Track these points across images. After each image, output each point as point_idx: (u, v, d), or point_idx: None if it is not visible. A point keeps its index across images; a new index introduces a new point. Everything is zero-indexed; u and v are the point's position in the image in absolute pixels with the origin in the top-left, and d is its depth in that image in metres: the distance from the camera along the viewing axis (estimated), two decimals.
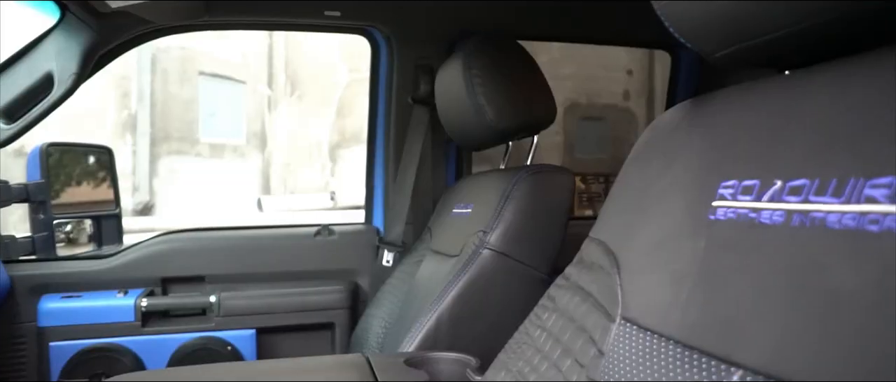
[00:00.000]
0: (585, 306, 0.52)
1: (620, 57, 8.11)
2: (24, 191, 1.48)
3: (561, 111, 8.11)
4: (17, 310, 1.36)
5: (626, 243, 0.51)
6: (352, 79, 8.78)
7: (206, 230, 1.56)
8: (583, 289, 0.53)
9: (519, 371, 0.55)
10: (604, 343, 0.47)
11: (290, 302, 1.50)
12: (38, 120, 1.31)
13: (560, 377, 0.50)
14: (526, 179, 1.08)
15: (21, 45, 1.32)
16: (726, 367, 0.36)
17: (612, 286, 0.49)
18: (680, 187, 0.47)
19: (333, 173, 9.20)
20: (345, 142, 9.12)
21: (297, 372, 0.79)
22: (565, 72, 7.46)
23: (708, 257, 0.41)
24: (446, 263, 1.17)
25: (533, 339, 0.56)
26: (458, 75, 1.19)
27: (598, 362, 0.47)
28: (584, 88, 7.93)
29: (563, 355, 0.51)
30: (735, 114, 0.45)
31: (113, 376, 0.82)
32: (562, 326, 0.53)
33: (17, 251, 1.44)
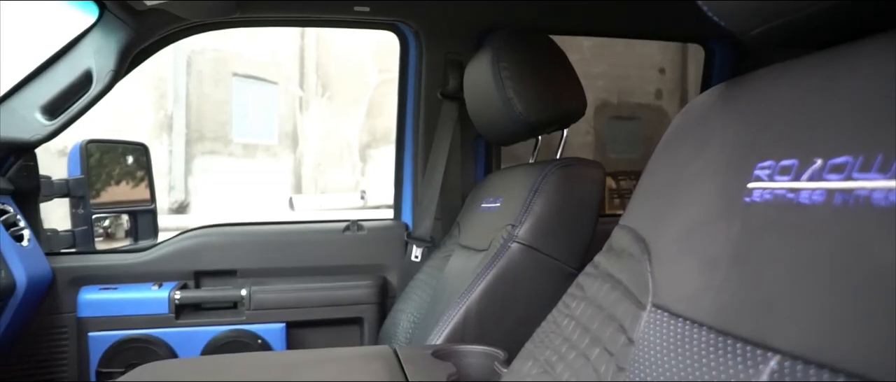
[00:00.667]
0: (615, 294, 0.51)
1: (653, 55, 7.99)
2: (65, 187, 1.52)
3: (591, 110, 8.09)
4: (59, 301, 1.41)
5: (657, 229, 0.50)
6: (382, 80, 8.83)
7: (237, 225, 1.59)
8: (612, 277, 0.52)
9: (546, 360, 0.54)
10: (634, 331, 0.46)
11: (320, 297, 1.51)
12: (78, 116, 1.35)
13: (588, 366, 0.49)
14: (555, 172, 1.07)
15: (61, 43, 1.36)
16: (762, 352, 0.34)
17: (643, 273, 0.48)
18: (713, 170, 0.45)
19: (364, 173, 9.27)
20: (375, 142, 9.18)
21: (324, 362, 0.80)
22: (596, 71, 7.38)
23: (743, 240, 0.39)
24: (474, 257, 1.16)
25: (561, 328, 0.55)
26: (487, 69, 1.19)
27: (627, 350, 0.46)
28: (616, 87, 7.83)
29: (592, 344, 0.50)
30: (771, 93, 0.43)
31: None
32: (590, 315, 0.52)
33: (58, 244, 1.48)
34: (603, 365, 0.48)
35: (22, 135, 1.34)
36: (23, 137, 1.34)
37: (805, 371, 0.31)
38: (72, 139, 1.60)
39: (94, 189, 1.61)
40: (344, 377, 0.74)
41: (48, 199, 1.50)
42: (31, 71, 1.35)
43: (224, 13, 1.40)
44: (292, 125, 9.08)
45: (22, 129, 1.34)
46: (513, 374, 0.57)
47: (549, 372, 0.52)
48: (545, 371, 0.53)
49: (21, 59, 1.43)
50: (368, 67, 8.99)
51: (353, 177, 9.13)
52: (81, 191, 1.55)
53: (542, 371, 0.53)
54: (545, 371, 0.53)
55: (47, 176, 1.48)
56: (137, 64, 1.43)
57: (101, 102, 1.39)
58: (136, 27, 1.33)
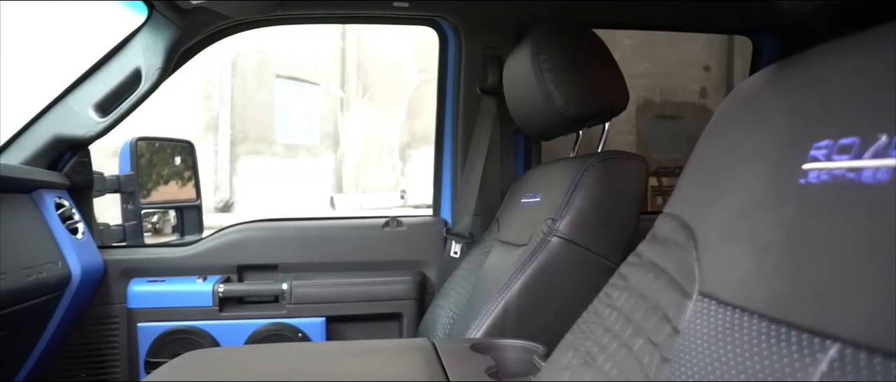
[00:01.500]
0: (659, 283, 0.49)
1: (697, 53, 7.80)
2: (116, 183, 1.58)
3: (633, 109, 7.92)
4: (110, 292, 1.45)
5: (704, 216, 0.48)
6: (422, 80, 8.88)
7: (279, 220, 1.61)
8: (656, 266, 0.50)
9: (587, 351, 0.52)
10: (679, 321, 0.44)
11: (359, 292, 1.52)
12: (128, 113, 1.40)
13: (631, 357, 0.47)
14: (596, 166, 1.05)
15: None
16: (820, 341, 0.32)
17: (688, 261, 0.46)
18: (764, 152, 0.43)
19: (404, 173, 9.33)
20: (415, 142, 9.23)
21: (362, 354, 0.80)
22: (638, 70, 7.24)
23: (797, 224, 0.37)
24: (514, 253, 1.15)
25: (602, 319, 0.53)
26: (527, 62, 1.17)
27: (672, 340, 0.44)
28: (659, 86, 7.67)
29: (635, 334, 0.48)
30: (828, 69, 0.41)
31: None
32: (633, 304, 0.50)
33: (110, 238, 1.54)
34: (646, 356, 0.46)
35: (77, 131, 1.39)
36: (78, 134, 1.39)
37: (869, 359, 0.29)
38: (123, 139, 1.65)
39: (143, 187, 1.66)
40: (382, 368, 0.74)
41: (101, 194, 1.55)
42: (85, 70, 1.40)
43: (267, 11, 1.42)
44: (333, 125, 9.21)
45: (77, 126, 1.39)
46: (552, 366, 0.56)
47: (590, 364, 0.51)
48: (586, 362, 0.51)
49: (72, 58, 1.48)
50: (408, 68, 9.05)
51: (393, 177, 9.20)
52: (131, 187, 1.60)
53: (582, 362, 0.52)
54: (586, 363, 0.51)
55: (100, 172, 1.54)
56: (183, 62, 1.47)
57: (151, 105, 1.43)
58: (182, 26, 1.36)
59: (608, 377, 0.49)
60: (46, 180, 1.35)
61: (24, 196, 1.29)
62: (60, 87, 1.41)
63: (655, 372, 0.45)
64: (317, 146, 9.05)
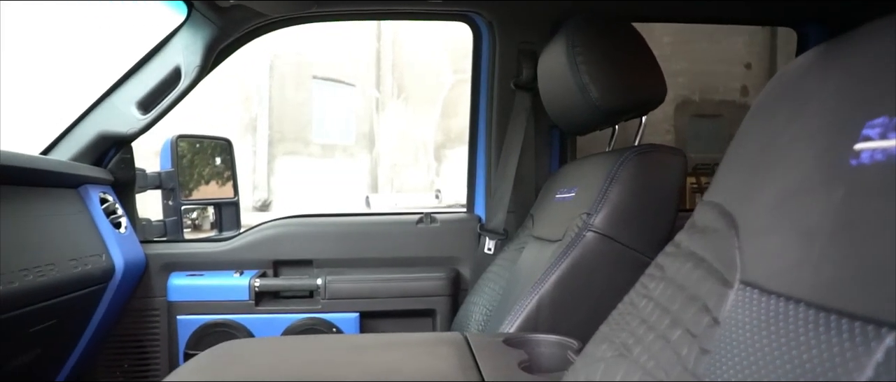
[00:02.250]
0: (698, 273, 0.47)
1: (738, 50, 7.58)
2: (157, 179, 1.62)
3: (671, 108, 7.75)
4: (151, 285, 1.49)
5: (746, 202, 0.46)
6: (456, 80, 8.88)
7: (314, 216, 1.63)
8: (695, 255, 0.49)
9: (622, 343, 0.51)
10: (719, 311, 0.43)
11: (393, 288, 1.52)
12: (168, 110, 1.43)
13: (668, 348, 0.46)
14: (633, 159, 1.02)
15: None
16: (875, 329, 0.30)
17: (729, 249, 0.44)
18: (812, 134, 0.41)
19: (438, 173, 9.35)
20: (449, 142, 9.24)
21: (395, 346, 0.80)
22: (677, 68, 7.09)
23: (848, 207, 0.35)
24: (548, 248, 1.13)
25: (638, 310, 0.52)
26: (562, 55, 1.15)
27: (712, 331, 0.42)
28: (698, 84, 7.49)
29: (672, 325, 0.47)
30: (882, 45, 0.39)
31: None
32: (671, 295, 0.49)
33: (151, 232, 1.58)
34: (685, 348, 0.44)
35: (121, 128, 1.43)
36: (121, 131, 1.44)
37: None
38: (164, 138, 1.69)
39: (184, 186, 1.70)
40: (414, 360, 0.73)
41: (143, 191, 1.59)
42: (127, 69, 1.44)
43: (302, 8, 1.44)
44: (369, 126, 9.29)
45: (120, 123, 1.44)
46: (586, 358, 0.54)
47: (625, 356, 0.49)
48: (621, 354, 0.50)
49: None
50: (443, 68, 9.07)
51: (427, 177, 9.23)
52: (172, 184, 1.64)
53: (617, 354, 0.50)
54: (621, 355, 0.50)
55: (142, 168, 1.58)
56: (221, 60, 1.49)
57: (192, 108, 1.46)
58: (220, 25, 1.39)
59: (644, 369, 0.47)
60: (92, 176, 1.39)
61: (71, 190, 1.33)
62: (105, 86, 1.45)
63: (694, 364, 0.43)
64: (352, 146, 9.14)
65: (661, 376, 0.46)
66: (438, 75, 9.14)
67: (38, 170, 1.19)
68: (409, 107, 9.38)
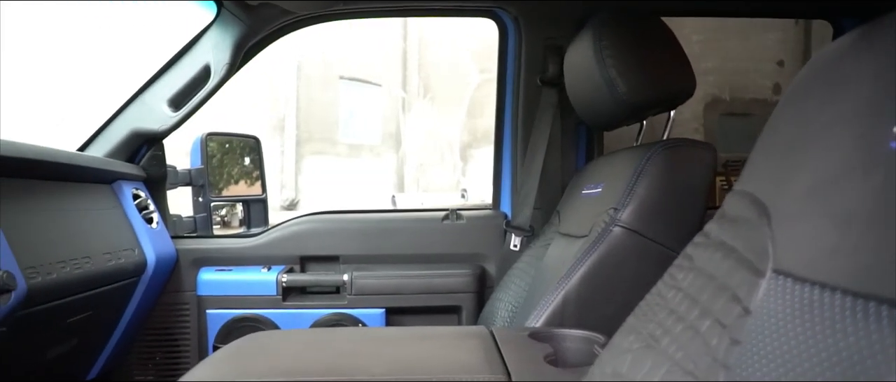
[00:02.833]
0: (728, 263, 0.46)
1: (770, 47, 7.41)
2: (188, 176, 1.65)
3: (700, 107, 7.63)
4: (181, 280, 1.52)
5: (778, 190, 0.44)
6: (483, 80, 8.87)
7: (341, 212, 1.64)
8: (725, 245, 0.47)
9: (650, 334, 0.50)
10: (751, 301, 0.42)
11: (418, 284, 1.52)
12: (198, 107, 1.46)
13: (697, 339, 0.45)
14: (661, 154, 1.01)
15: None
16: None
17: (761, 238, 0.43)
18: (848, 118, 0.40)
19: (464, 173, 9.35)
20: (476, 141, 9.23)
21: (420, 339, 0.80)
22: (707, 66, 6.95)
23: (887, 191, 0.34)
24: (574, 244, 1.12)
25: (666, 301, 0.51)
26: (589, 49, 1.14)
27: (743, 321, 0.41)
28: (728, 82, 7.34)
29: (702, 316, 0.46)
30: None
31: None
32: (700, 285, 0.48)
33: (182, 228, 1.61)
34: (714, 338, 0.43)
35: (152, 126, 1.47)
36: (153, 128, 1.47)
37: None
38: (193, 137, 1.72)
39: (214, 186, 1.72)
40: (439, 352, 0.73)
41: (173, 187, 1.63)
42: (159, 67, 1.47)
43: (328, 6, 1.45)
44: (395, 126, 9.34)
45: (152, 121, 1.47)
46: (613, 349, 0.54)
47: (652, 347, 0.49)
48: (648, 345, 0.49)
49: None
50: (469, 68, 9.06)
51: (453, 177, 9.23)
52: (202, 181, 1.67)
53: (644, 345, 0.50)
54: (648, 346, 0.49)
55: (173, 166, 1.61)
56: (249, 58, 1.51)
57: (222, 108, 1.49)
58: (248, 23, 1.41)
59: (672, 360, 0.46)
60: (125, 172, 1.42)
61: (105, 186, 1.37)
62: (137, 84, 1.49)
63: (724, 355, 0.42)
64: (379, 146, 9.19)
65: (689, 367, 0.45)
66: (464, 75, 9.13)
67: (76, 166, 1.23)
68: (436, 106, 9.39)
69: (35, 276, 0.99)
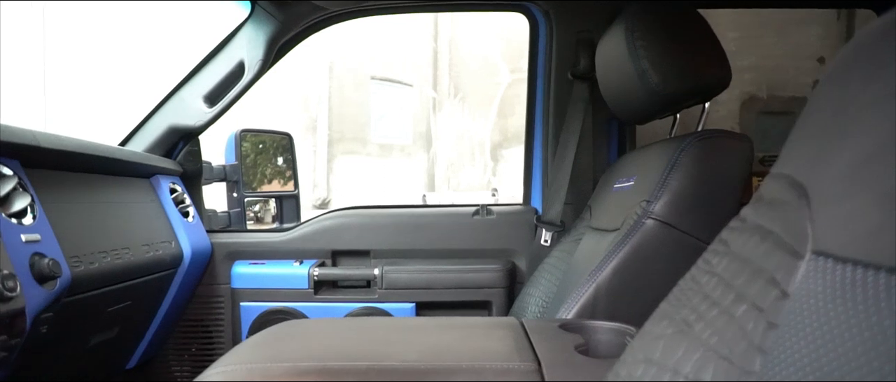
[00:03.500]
0: (765, 246, 0.45)
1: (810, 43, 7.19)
2: (222, 172, 1.68)
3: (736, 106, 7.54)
4: (216, 272, 1.55)
5: (818, 170, 0.43)
6: (513, 79, 8.83)
7: (372, 207, 1.65)
8: (762, 228, 0.46)
9: (683, 319, 0.49)
10: (789, 284, 0.41)
11: (449, 279, 1.53)
12: (232, 103, 1.49)
13: (733, 324, 0.44)
14: (695, 145, 0.99)
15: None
16: None
17: (800, 220, 0.42)
18: (891, 95, 0.38)
19: (495, 172, 9.32)
20: (506, 141, 9.20)
21: (450, 328, 0.80)
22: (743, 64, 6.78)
23: None
24: (606, 238, 1.11)
25: (700, 286, 0.50)
26: (621, 41, 1.13)
27: (781, 304, 0.40)
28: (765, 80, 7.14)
29: (737, 300, 0.45)
30: None
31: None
32: (735, 269, 0.47)
33: (217, 223, 1.64)
34: (750, 323, 0.42)
35: (189, 121, 1.50)
36: (189, 124, 1.50)
37: None
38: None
39: (248, 185, 1.75)
40: (468, 341, 0.73)
41: (208, 183, 1.66)
42: (195, 64, 1.50)
43: (360, 1, 1.46)
44: (426, 126, 9.36)
45: (188, 117, 1.50)
46: (645, 336, 0.53)
47: (685, 332, 0.48)
48: (681, 330, 0.48)
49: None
50: (499, 67, 9.03)
51: (484, 176, 9.22)
52: (236, 176, 1.70)
53: (677, 330, 0.49)
54: (681, 331, 0.48)
55: (208, 161, 1.64)
56: (282, 55, 1.54)
57: (256, 110, 1.51)
58: (282, 19, 1.43)
59: (707, 345, 0.45)
60: (163, 166, 1.46)
61: (144, 180, 1.41)
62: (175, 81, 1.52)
63: (761, 339, 0.41)
64: (410, 146, 9.23)
65: (725, 352, 0.44)
66: (495, 74, 9.11)
67: (116, 160, 1.26)
68: (466, 106, 9.39)
69: (78, 265, 1.02)
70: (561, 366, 0.63)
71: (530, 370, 0.62)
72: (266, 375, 0.61)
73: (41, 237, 0.94)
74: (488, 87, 9.23)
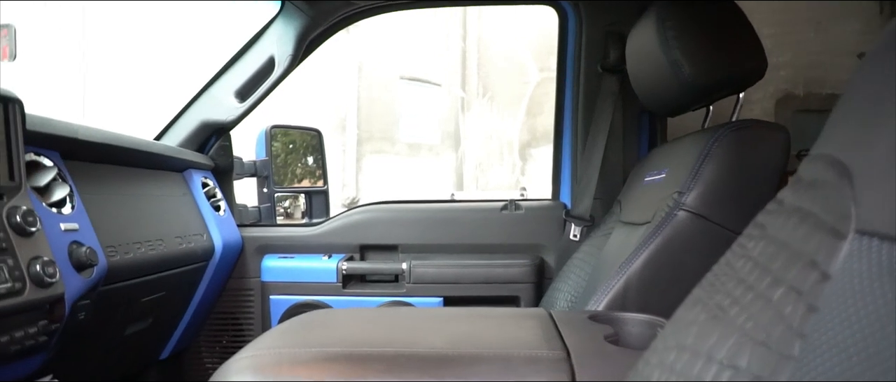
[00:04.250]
0: (804, 228, 0.43)
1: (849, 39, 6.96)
2: (253, 167, 1.70)
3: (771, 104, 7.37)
4: (247, 266, 1.57)
5: (861, 149, 0.41)
6: (542, 78, 8.77)
7: (400, 202, 1.66)
8: (801, 209, 0.45)
9: (716, 304, 0.47)
10: (830, 265, 0.39)
11: (476, 274, 1.52)
12: (262, 98, 1.51)
13: (770, 308, 0.42)
14: (729, 135, 0.96)
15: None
16: None
17: (842, 199, 0.41)
18: None
19: (523, 172, 9.27)
20: (535, 140, 9.14)
21: (478, 317, 0.79)
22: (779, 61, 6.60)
23: None
24: (636, 231, 1.09)
25: (735, 270, 0.48)
26: (652, 31, 1.10)
27: (821, 287, 0.39)
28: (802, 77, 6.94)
29: (774, 284, 0.43)
30: None
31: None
32: (772, 253, 0.45)
33: (247, 217, 1.66)
34: (789, 306, 0.41)
35: (220, 117, 1.53)
36: (221, 119, 1.53)
37: None
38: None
39: (278, 184, 1.77)
40: (497, 330, 0.73)
41: (240, 178, 1.69)
42: (227, 60, 1.53)
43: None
44: (454, 125, 9.36)
45: (220, 112, 1.53)
46: (677, 323, 0.52)
47: (719, 318, 0.46)
48: (715, 316, 0.47)
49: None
50: (528, 66, 8.98)
51: (512, 176, 9.18)
52: (266, 172, 1.72)
53: (711, 316, 0.47)
54: (715, 317, 0.47)
55: (239, 157, 1.67)
56: (311, 51, 1.55)
57: (286, 109, 1.53)
58: (311, 15, 1.44)
59: (742, 330, 0.44)
60: (195, 161, 1.49)
61: (177, 174, 1.43)
62: (206, 77, 1.55)
63: (800, 323, 0.40)
64: (438, 145, 9.24)
65: (761, 337, 0.42)
66: (523, 73, 9.06)
67: (151, 154, 1.29)
68: (495, 106, 9.36)
69: (114, 254, 1.04)
70: (590, 355, 0.62)
71: (559, 358, 0.61)
72: (294, 359, 0.62)
73: (79, 226, 0.96)
74: (517, 87, 9.18)
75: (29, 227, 0.83)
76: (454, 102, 9.36)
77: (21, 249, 0.82)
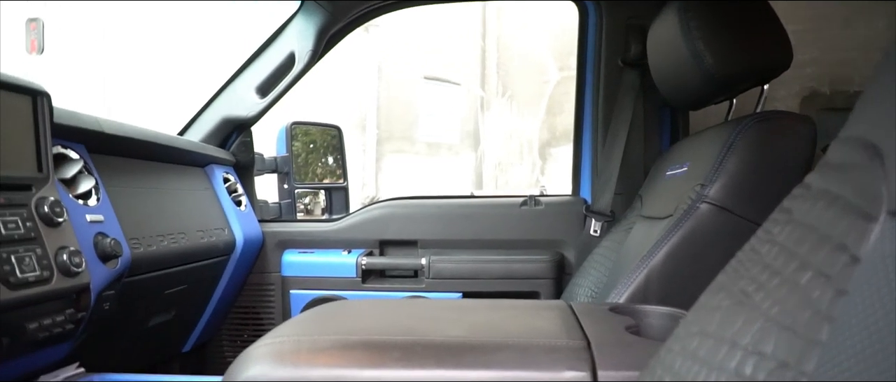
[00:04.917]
0: (832, 211, 0.42)
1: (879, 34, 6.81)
2: (273, 163, 1.72)
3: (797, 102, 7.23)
4: (267, 261, 1.59)
5: (892, 131, 0.40)
6: (562, 77, 8.72)
7: (419, 198, 1.66)
8: (829, 193, 0.44)
9: (741, 290, 0.47)
10: (860, 248, 0.38)
11: (496, 269, 1.51)
12: (283, 94, 1.52)
13: (797, 292, 0.41)
14: (753, 127, 0.95)
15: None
16: None
17: (873, 180, 0.39)
18: None
19: (543, 171, 9.22)
20: (555, 140, 9.09)
21: (498, 308, 0.79)
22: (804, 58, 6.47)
23: None
24: (658, 225, 1.07)
25: (760, 255, 0.47)
26: (674, 23, 1.09)
27: (850, 270, 0.38)
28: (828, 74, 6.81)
29: (801, 268, 0.42)
30: None
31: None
32: (798, 237, 0.44)
33: (268, 213, 1.68)
34: (816, 290, 0.40)
35: (242, 113, 1.54)
36: (242, 115, 1.54)
37: None
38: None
39: (298, 172, 1.78)
40: (517, 320, 0.72)
41: (260, 174, 1.70)
42: (248, 56, 1.54)
43: None
44: (474, 124, 9.35)
45: (241, 108, 1.54)
46: (700, 309, 0.51)
47: (744, 303, 0.45)
48: (740, 301, 0.46)
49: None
50: (548, 66, 8.94)
51: (532, 175, 9.14)
52: (286, 168, 1.74)
53: (735, 302, 0.46)
54: (740, 303, 0.46)
55: (260, 153, 1.68)
56: (332, 46, 1.56)
57: (306, 110, 1.54)
58: (331, 10, 1.45)
59: (767, 316, 0.43)
60: (217, 156, 1.50)
61: (199, 169, 1.45)
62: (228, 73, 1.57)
63: (828, 307, 0.39)
64: (457, 145, 9.24)
65: (787, 322, 0.42)
66: (543, 73, 9.02)
67: (174, 149, 1.31)
68: (514, 105, 9.33)
69: (137, 247, 1.06)
70: (610, 345, 0.62)
71: (579, 347, 0.61)
72: (313, 347, 0.62)
73: (104, 218, 0.98)
74: (537, 86, 9.15)
75: (56, 218, 0.85)
76: (474, 102, 9.35)
77: (49, 239, 0.84)
